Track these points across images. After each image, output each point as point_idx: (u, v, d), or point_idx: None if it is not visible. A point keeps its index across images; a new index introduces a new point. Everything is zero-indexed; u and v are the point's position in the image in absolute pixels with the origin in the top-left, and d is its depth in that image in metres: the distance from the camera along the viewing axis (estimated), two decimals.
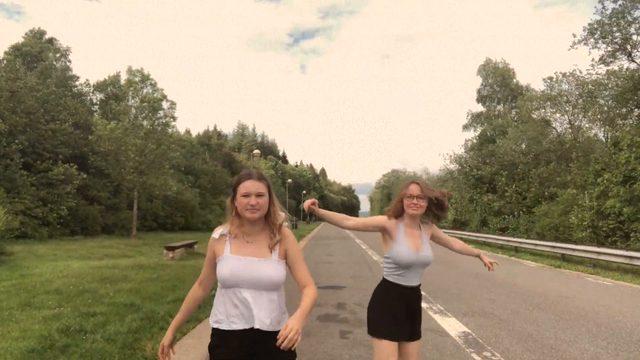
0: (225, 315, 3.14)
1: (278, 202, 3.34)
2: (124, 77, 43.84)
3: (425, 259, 4.35)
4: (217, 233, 3.32)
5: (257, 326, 3.06)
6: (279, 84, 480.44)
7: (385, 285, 4.42)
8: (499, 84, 57.84)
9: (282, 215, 3.34)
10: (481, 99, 59.91)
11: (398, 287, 4.33)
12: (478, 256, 5.03)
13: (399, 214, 4.47)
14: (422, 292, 4.53)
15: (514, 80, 57.48)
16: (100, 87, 50.96)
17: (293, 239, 3.33)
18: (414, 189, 4.37)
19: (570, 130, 43.02)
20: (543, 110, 44.37)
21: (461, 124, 64.18)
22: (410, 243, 4.32)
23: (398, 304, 4.28)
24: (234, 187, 3.30)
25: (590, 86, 38.89)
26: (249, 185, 3.20)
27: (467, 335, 8.67)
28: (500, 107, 58.97)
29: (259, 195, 3.19)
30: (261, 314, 3.08)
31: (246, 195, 3.19)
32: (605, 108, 37.11)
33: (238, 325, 3.09)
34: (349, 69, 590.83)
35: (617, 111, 35.88)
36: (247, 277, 3.10)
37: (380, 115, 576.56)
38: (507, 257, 27.01)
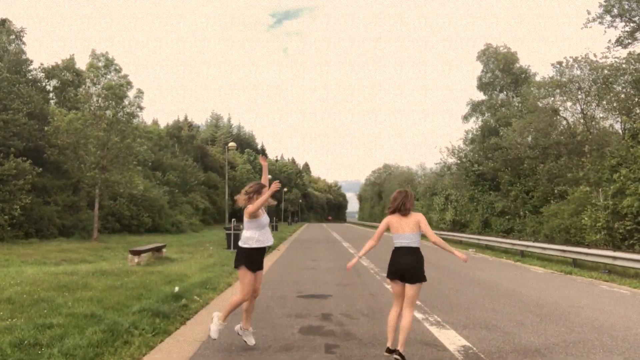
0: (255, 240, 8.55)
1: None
2: (85, 61, 43.52)
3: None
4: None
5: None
6: (258, 70, 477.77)
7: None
8: (500, 69, 57.68)
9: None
10: (482, 86, 59.68)
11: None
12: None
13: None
14: (417, 302, 5.33)
15: (517, 65, 57.23)
16: (51, 72, 50.45)
17: None
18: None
19: (582, 121, 42.81)
20: (552, 99, 44.18)
21: (461, 115, 63.67)
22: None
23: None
24: (258, 191, 8.78)
25: (605, 71, 38.60)
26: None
27: (467, 350, 8.70)
28: (502, 95, 58.85)
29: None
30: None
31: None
32: (623, 95, 36.92)
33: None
34: (336, 54, 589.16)
35: (636, 99, 35.83)
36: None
37: (372, 106, 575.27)
38: (512, 262, 27.09)
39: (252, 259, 8.76)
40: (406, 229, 8.06)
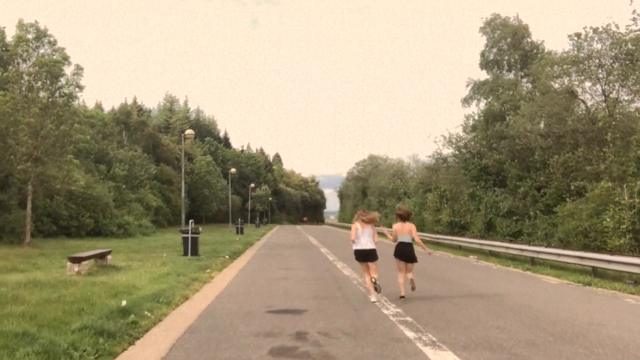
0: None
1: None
2: (12, 34, 43.18)
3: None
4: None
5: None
6: (222, 46, 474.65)
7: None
8: (509, 44, 57.13)
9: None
10: (486, 64, 59.23)
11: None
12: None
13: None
14: (408, 318, 5.56)
15: (528, 40, 56.81)
16: None
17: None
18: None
19: (604, 104, 42.60)
20: (567, 78, 43.85)
21: (460, 98, 63.01)
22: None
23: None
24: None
25: (630, 45, 38.76)
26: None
27: None
28: (510, 75, 58.45)
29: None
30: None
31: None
32: None
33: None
34: (315, 27, 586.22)
35: None
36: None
37: (355, 89, 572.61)
38: (521, 271, 27.13)
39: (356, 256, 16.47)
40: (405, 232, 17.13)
